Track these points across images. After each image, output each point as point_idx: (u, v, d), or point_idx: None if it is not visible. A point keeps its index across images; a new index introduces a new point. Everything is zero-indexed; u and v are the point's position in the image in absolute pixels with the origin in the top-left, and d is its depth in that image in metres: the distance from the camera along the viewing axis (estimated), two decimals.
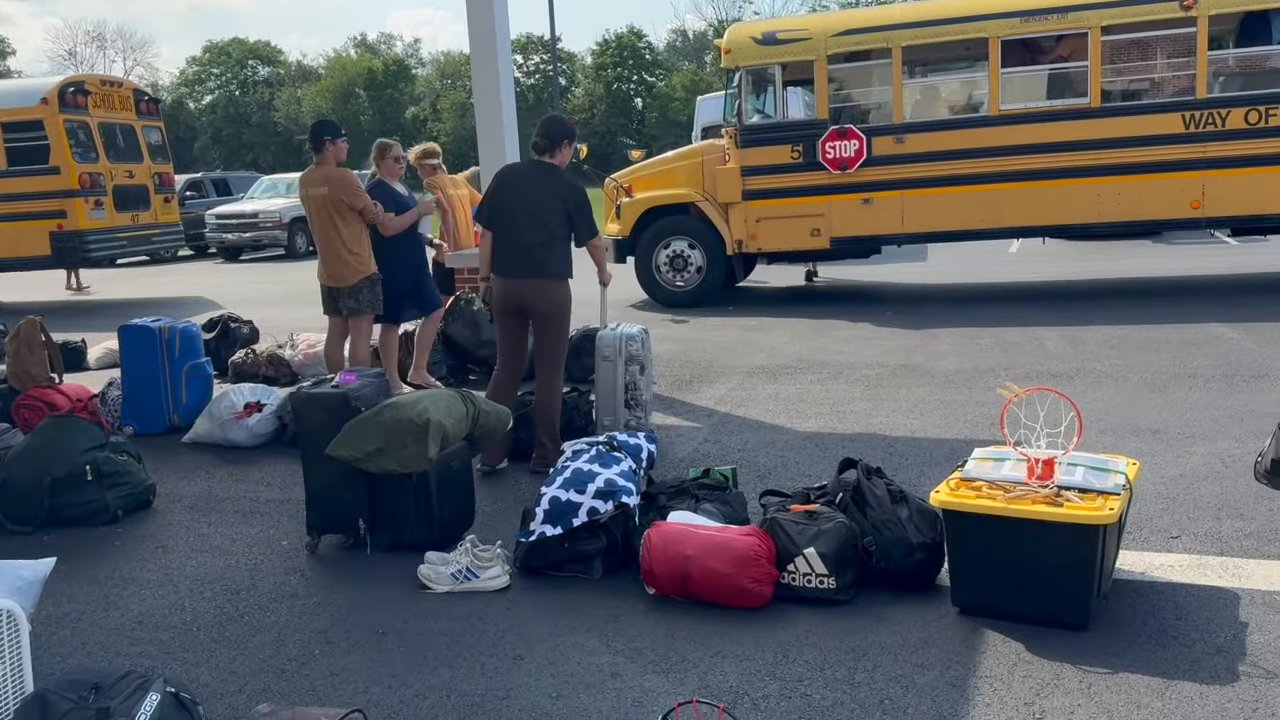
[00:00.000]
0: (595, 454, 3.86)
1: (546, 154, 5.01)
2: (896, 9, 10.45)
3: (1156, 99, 9.57)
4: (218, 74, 71.20)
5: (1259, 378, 6.12)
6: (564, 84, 63.59)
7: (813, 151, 10.07)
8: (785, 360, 7.57)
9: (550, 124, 5.10)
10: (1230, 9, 9.25)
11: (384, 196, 6.56)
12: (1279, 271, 10.77)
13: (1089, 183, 9.51)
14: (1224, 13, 9.22)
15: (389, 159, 6.81)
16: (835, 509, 3.51)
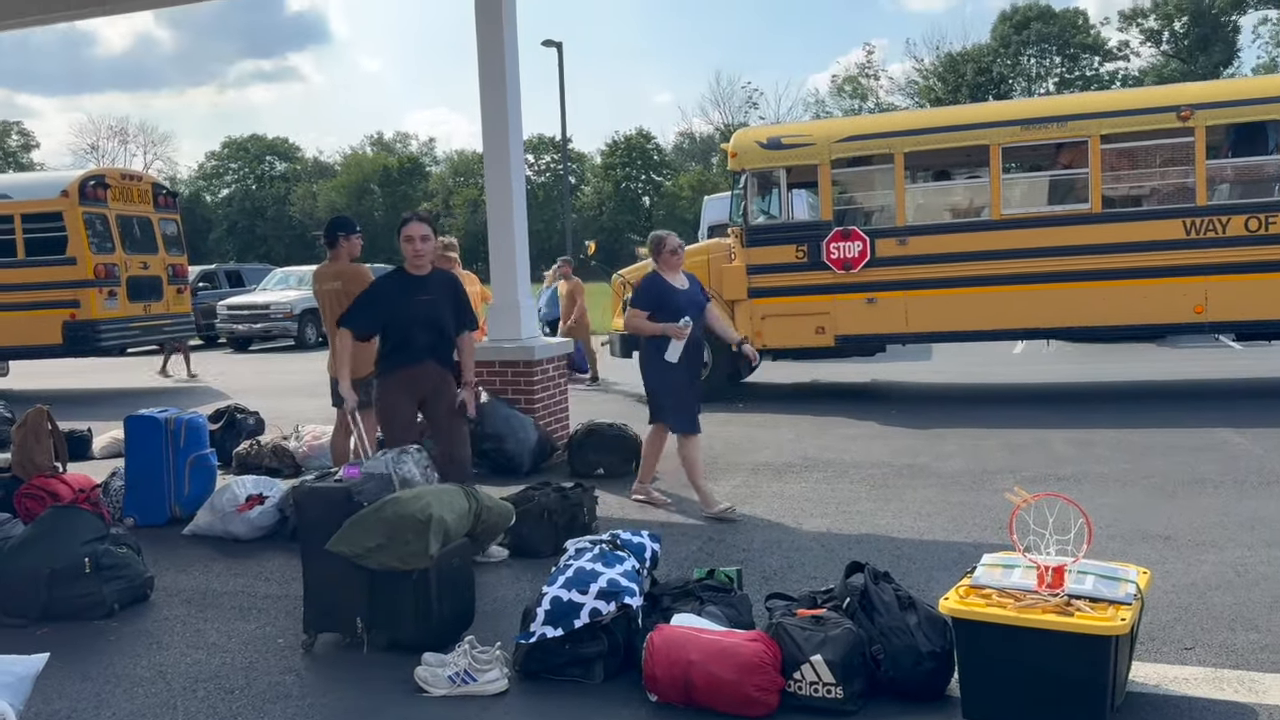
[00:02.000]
0: (598, 552, 3.82)
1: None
2: (898, 116, 10.75)
3: (1158, 205, 9.73)
4: (235, 168, 72.88)
5: (1269, 484, 6.07)
6: (574, 182, 64.88)
7: (817, 251, 10.21)
8: (790, 458, 7.54)
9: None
10: (1226, 120, 9.47)
11: (656, 292, 5.93)
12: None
13: (1092, 286, 9.60)
14: (1220, 123, 9.44)
15: (666, 252, 5.99)
16: (843, 614, 3.45)
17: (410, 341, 5.09)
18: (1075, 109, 10.09)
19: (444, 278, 5.28)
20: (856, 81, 58.76)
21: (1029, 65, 54.93)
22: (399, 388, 5.13)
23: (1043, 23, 53.20)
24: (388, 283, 5.22)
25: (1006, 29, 54.08)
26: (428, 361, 5.13)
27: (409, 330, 5.08)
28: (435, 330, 5.13)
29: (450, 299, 5.22)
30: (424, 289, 5.12)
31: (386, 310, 5.11)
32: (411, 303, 5.06)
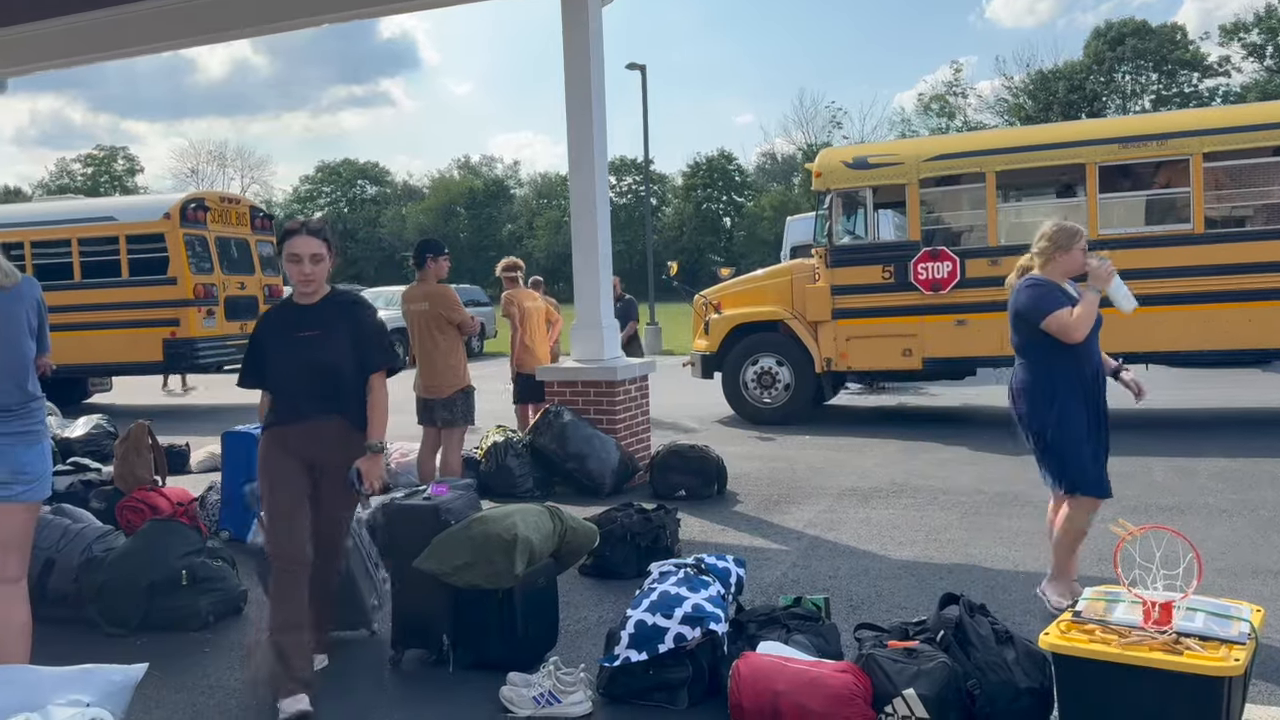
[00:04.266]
0: (683, 576, 3.78)
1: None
2: (989, 135, 10.53)
3: (1263, 226, 9.33)
4: (328, 191, 75.01)
5: None
6: (655, 203, 65.19)
7: (905, 272, 10.03)
8: (877, 483, 7.39)
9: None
10: None
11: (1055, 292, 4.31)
12: None
13: (1193, 309, 9.23)
14: None
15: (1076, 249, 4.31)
16: (936, 647, 3.34)
17: (287, 392, 3.76)
18: (1176, 127, 9.75)
19: (339, 306, 3.81)
20: (944, 100, 57.89)
21: (1124, 82, 53.46)
22: (273, 453, 3.75)
23: (1139, 38, 51.76)
24: (267, 319, 3.92)
25: (1100, 45, 52.75)
26: (314, 418, 3.72)
27: (286, 377, 3.76)
28: (323, 376, 3.71)
29: (349, 331, 3.75)
30: (307, 322, 3.75)
31: (264, 354, 3.83)
32: (291, 341, 3.74)
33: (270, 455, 3.76)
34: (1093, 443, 4.34)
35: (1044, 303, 4.25)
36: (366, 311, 3.86)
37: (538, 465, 7.33)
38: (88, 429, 9.04)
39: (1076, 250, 4.33)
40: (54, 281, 13.94)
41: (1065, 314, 4.21)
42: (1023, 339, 4.36)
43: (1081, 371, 4.31)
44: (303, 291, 3.79)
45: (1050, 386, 4.29)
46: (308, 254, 3.71)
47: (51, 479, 3.54)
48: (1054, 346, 4.25)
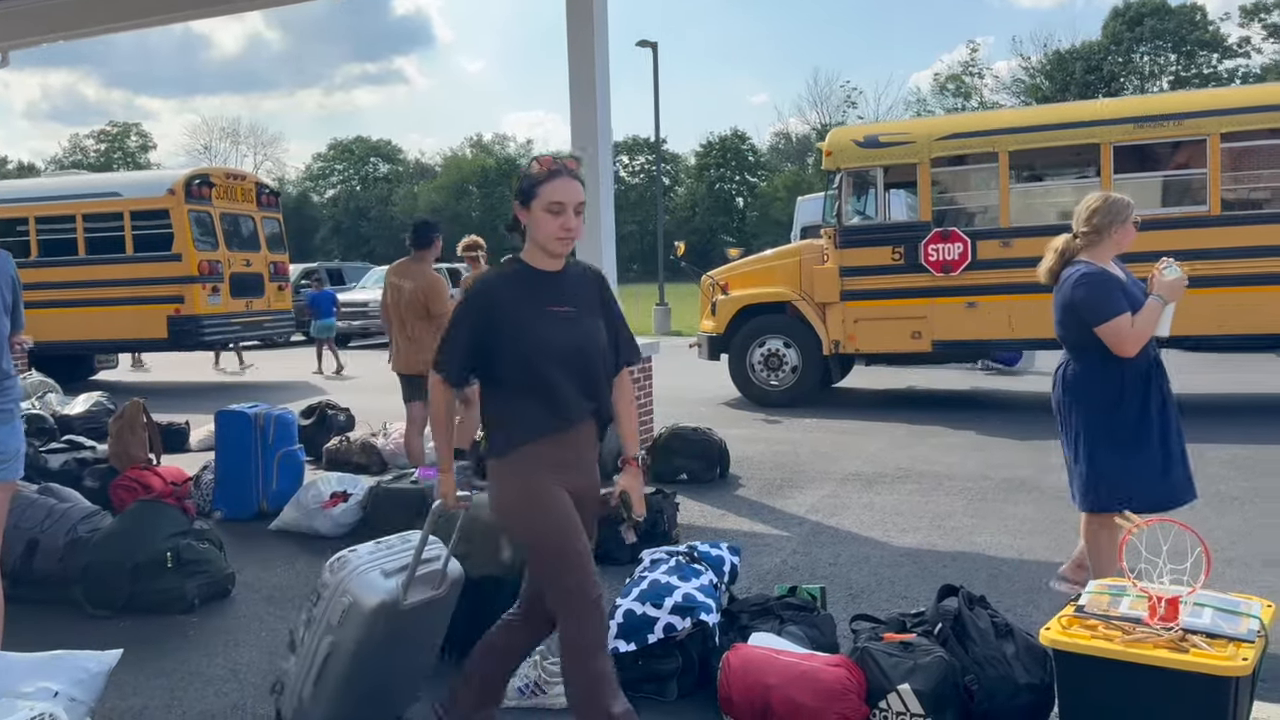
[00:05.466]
0: (675, 565, 3.68)
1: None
2: (1002, 114, 10.32)
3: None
4: (341, 169, 74.95)
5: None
6: (667, 183, 64.94)
7: (915, 253, 9.87)
8: (882, 467, 7.27)
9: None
10: None
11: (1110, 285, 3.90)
12: None
13: (1209, 293, 9.02)
14: None
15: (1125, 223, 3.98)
16: (933, 640, 3.23)
17: (551, 387, 2.76)
18: (1193, 106, 9.54)
19: (587, 277, 2.95)
20: (960, 80, 57.29)
21: (1142, 63, 52.77)
22: (543, 478, 2.76)
23: (1157, 19, 51.04)
24: (497, 287, 2.83)
25: (1119, 25, 52.04)
26: (581, 423, 2.84)
27: (549, 367, 2.75)
28: (588, 366, 2.83)
29: (601, 309, 2.93)
30: (557, 294, 2.83)
31: (499, 333, 2.77)
32: (546, 318, 2.78)
33: (538, 481, 2.73)
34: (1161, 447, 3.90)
35: (1106, 305, 3.79)
36: (609, 286, 3.03)
37: None
38: (88, 406, 8.98)
39: (1131, 224, 3.96)
40: (58, 257, 13.92)
41: (1126, 322, 3.76)
42: (1077, 336, 3.91)
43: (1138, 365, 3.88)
44: (555, 253, 2.81)
45: (1118, 385, 3.86)
46: (574, 203, 2.76)
47: (24, 458, 3.44)
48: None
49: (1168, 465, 3.89)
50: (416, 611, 3.07)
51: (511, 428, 2.77)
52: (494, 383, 2.81)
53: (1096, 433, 3.86)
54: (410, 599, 3.02)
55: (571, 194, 2.75)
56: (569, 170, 2.78)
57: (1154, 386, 3.89)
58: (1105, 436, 3.84)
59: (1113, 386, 3.85)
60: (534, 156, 2.86)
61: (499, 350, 2.75)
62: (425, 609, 3.11)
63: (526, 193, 2.78)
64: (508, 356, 2.74)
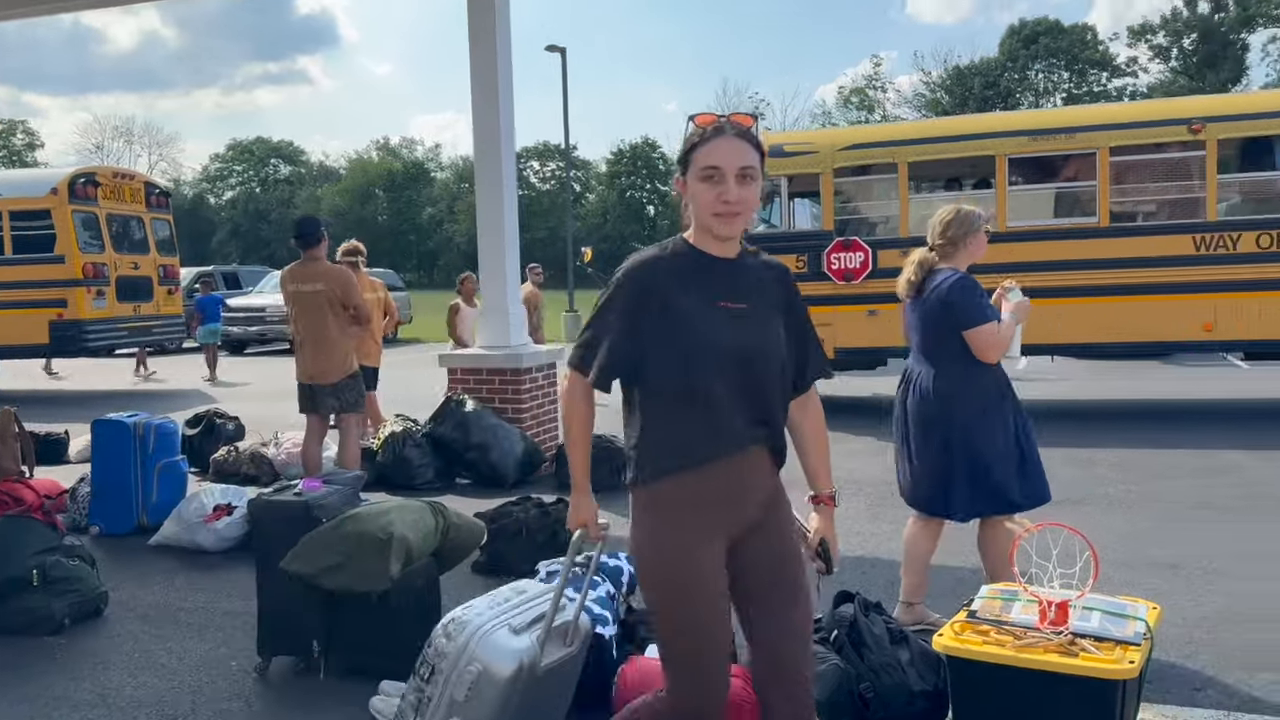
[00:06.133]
0: (571, 576, 3.58)
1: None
2: (903, 125, 10.54)
3: (1167, 220, 9.49)
4: (240, 171, 72.96)
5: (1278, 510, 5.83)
6: (578, 190, 64.88)
7: (818, 262, 9.99)
8: (785, 473, 7.29)
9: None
10: (1237, 134, 9.25)
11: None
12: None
13: (1098, 302, 9.36)
14: (1231, 137, 9.22)
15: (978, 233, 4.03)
16: (829, 648, 3.21)
17: (711, 399, 2.18)
18: (1084, 120, 9.87)
19: (765, 267, 2.35)
20: (863, 93, 58.63)
21: (1037, 79, 54.78)
22: (687, 522, 2.19)
23: (1051, 37, 53.07)
24: (652, 271, 2.24)
25: (1015, 43, 53.93)
26: (749, 448, 2.24)
27: (708, 373, 2.17)
28: (761, 377, 2.24)
29: (784, 309, 2.33)
30: (728, 286, 2.24)
31: (661, 326, 2.21)
32: (711, 314, 2.20)
33: (680, 541, 2.14)
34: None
35: (979, 310, 3.82)
36: (796, 286, 2.40)
37: (438, 456, 7.07)
38: None
39: (983, 234, 4.03)
40: None
41: (994, 329, 3.83)
42: (945, 344, 3.89)
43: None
44: (717, 233, 2.18)
45: (986, 392, 3.87)
46: (735, 168, 2.13)
47: None
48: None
49: (1025, 467, 3.90)
50: (552, 675, 2.62)
51: (657, 450, 2.17)
52: (640, 389, 2.23)
53: (977, 440, 3.83)
54: (546, 660, 2.59)
55: (732, 157, 2.13)
56: (734, 128, 2.18)
57: (1010, 392, 3.95)
58: (987, 443, 3.83)
59: (983, 393, 3.86)
60: (692, 115, 2.26)
61: (650, 347, 2.17)
62: (559, 670, 2.66)
63: (683, 160, 2.24)
64: (660, 356, 2.16)
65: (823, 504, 2.46)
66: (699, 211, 2.19)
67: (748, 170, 2.14)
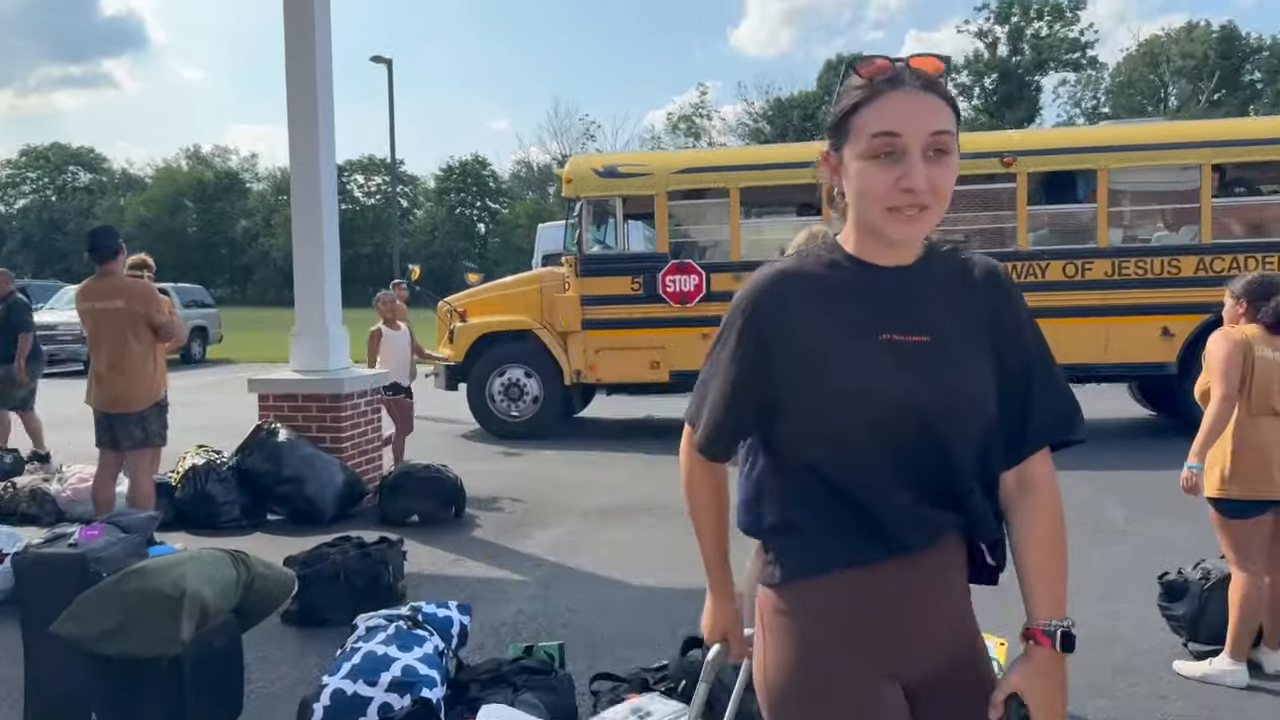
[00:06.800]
0: (394, 632, 3.24)
1: None
2: (736, 151, 10.64)
3: (982, 249, 9.89)
4: (34, 178, 67.63)
5: (1102, 533, 6.05)
6: (405, 205, 63.39)
7: (653, 284, 9.90)
8: (624, 500, 7.10)
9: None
10: (1044, 168, 9.76)
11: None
12: (1098, 417, 11.15)
13: None
14: (1039, 171, 9.72)
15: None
16: (677, 698, 3.00)
17: (868, 477, 1.45)
18: None
19: (961, 276, 1.56)
20: (691, 120, 59.89)
21: None
22: (836, 656, 1.48)
23: None
24: (782, 287, 1.52)
25: (832, 77, 56.35)
26: (927, 546, 1.47)
27: (861, 439, 1.44)
28: (947, 441, 1.45)
29: (993, 338, 1.53)
30: (902, 307, 1.49)
31: (788, 373, 1.49)
32: (870, 352, 1.45)
33: (824, 679, 1.48)
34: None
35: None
36: (1020, 296, 1.59)
37: (246, 491, 6.49)
38: None
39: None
40: None
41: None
42: None
43: None
44: (896, 238, 1.47)
45: None
46: (923, 135, 1.42)
47: None
48: None
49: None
50: None
51: (793, 542, 1.52)
52: (770, 455, 1.56)
53: None
54: None
55: (917, 119, 1.40)
56: (917, 77, 1.43)
57: None
58: None
59: None
60: (851, 59, 1.50)
61: (782, 401, 1.49)
62: None
63: (835, 127, 1.50)
64: (795, 413, 1.48)
65: (1036, 642, 1.49)
66: (863, 204, 1.45)
67: (941, 138, 1.40)
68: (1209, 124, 12.87)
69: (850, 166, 1.46)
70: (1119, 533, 6.02)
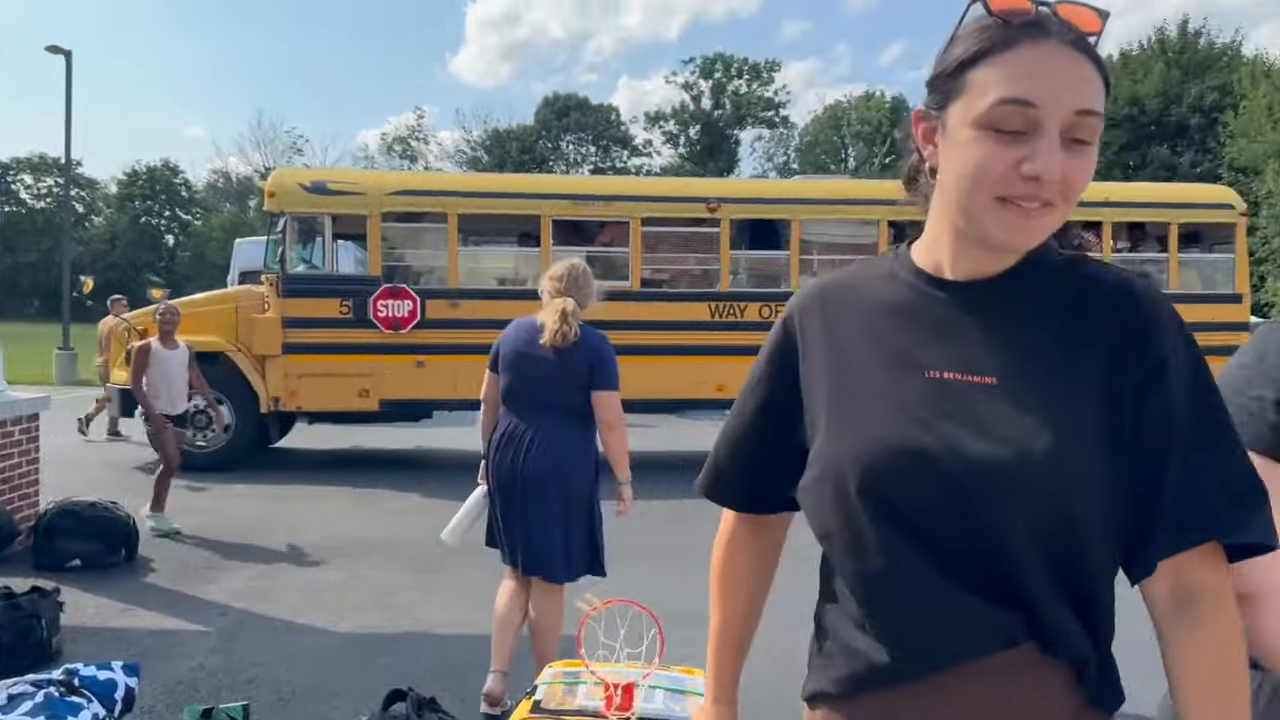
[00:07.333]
0: (43, 700, 2.79)
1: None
2: (455, 176, 10.48)
3: (688, 289, 10.35)
4: None
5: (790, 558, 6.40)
6: (81, 210, 57.36)
7: (364, 308, 9.50)
8: (323, 538, 6.68)
9: None
10: (745, 215, 10.38)
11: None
12: None
13: (629, 361, 9.85)
14: (741, 218, 10.32)
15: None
16: None
17: (898, 572, 1.08)
18: (621, 190, 10.50)
19: (1055, 292, 1.11)
20: (407, 143, 58.75)
21: (568, 150, 58.76)
22: None
23: (581, 113, 57.32)
24: (828, 308, 1.23)
25: (549, 113, 57.47)
26: (985, 661, 1.06)
27: (886, 520, 1.08)
28: (997, 528, 1.03)
29: (1109, 381, 1.06)
30: (971, 342, 1.10)
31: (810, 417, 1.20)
32: (912, 398, 1.10)
33: None
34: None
35: (618, 374, 3.88)
36: (1178, 330, 1.08)
37: None
38: None
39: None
40: None
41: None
42: (581, 399, 3.79)
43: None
44: (1006, 245, 1.08)
45: (595, 455, 3.82)
46: (1067, 109, 1.03)
47: None
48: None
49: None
50: None
51: (814, 648, 1.23)
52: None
53: (589, 501, 3.83)
54: None
55: (1065, 87, 1.02)
56: (1065, 30, 1.05)
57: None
58: (593, 505, 3.84)
59: (594, 454, 3.85)
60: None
61: (813, 443, 1.19)
62: None
63: (945, 77, 1.09)
64: (810, 474, 1.17)
65: None
66: (966, 188, 1.06)
67: (1088, 120, 1.03)
68: (887, 184, 14.29)
69: (957, 134, 1.06)
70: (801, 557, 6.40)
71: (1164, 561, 1.04)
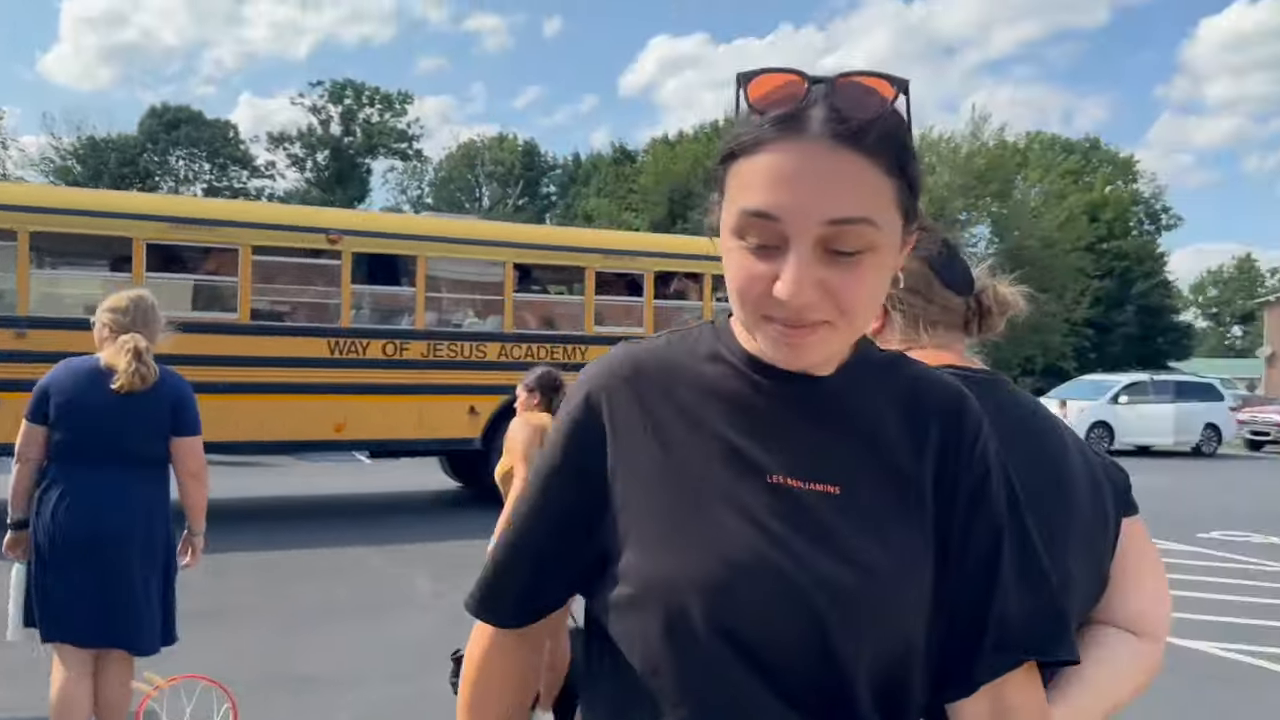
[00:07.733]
0: None
1: None
2: (28, 189, 9.24)
3: (306, 323, 9.83)
4: None
5: (407, 604, 6.22)
6: None
7: None
8: None
9: None
10: (370, 249, 10.07)
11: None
12: (409, 491, 11.67)
13: (238, 399, 9.17)
14: (363, 252, 9.99)
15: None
16: None
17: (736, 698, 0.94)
18: (228, 215, 9.79)
19: (909, 392, 1.06)
20: None
21: (178, 166, 54.09)
22: None
23: (194, 127, 53.03)
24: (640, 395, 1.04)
25: (156, 125, 52.59)
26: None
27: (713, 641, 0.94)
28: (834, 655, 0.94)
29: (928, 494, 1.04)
30: (815, 439, 1.01)
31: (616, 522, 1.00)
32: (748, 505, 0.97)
33: None
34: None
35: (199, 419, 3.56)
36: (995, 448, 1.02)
37: None
38: None
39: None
40: None
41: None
42: (162, 448, 3.44)
43: None
44: (778, 360, 0.95)
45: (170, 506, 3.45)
46: (814, 223, 0.87)
47: None
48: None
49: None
50: None
51: None
52: (591, 637, 1.04)
53: (169, 560, 3.46)
54: None
55: (811, 195, 0.87)
56: (835, 119, 0.88)
57: None
58: (170, 564, 3.47)
59: (170, 506, 3.45)
60: (748, 73, 0.92)
61: (612, 551, 0.99)
62: None
63: (715, 171, 0.96)
64: (616, 586, 0.97)
65: None
66: (737, 305, 0.96)
67: (844, 231, 0.89)
68: (513, 226, 14.60)
69: (724, 238, 0.95)
70: (425, 606, 6.25)
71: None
